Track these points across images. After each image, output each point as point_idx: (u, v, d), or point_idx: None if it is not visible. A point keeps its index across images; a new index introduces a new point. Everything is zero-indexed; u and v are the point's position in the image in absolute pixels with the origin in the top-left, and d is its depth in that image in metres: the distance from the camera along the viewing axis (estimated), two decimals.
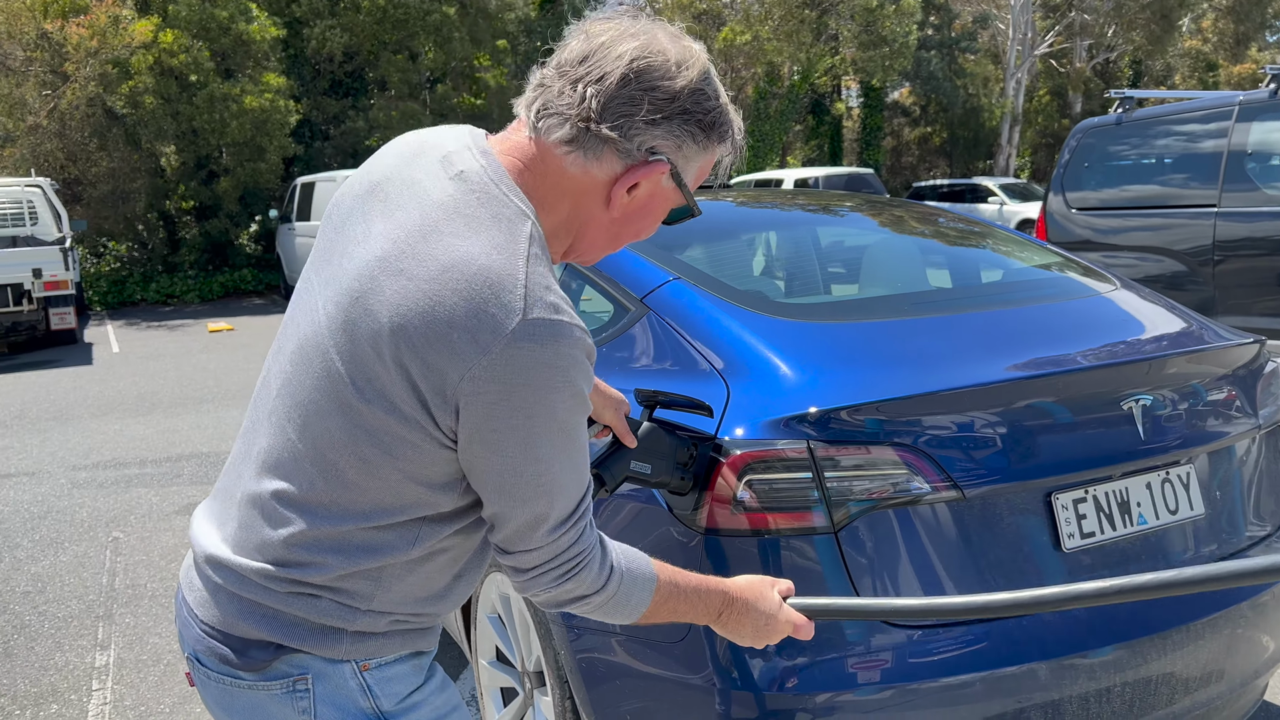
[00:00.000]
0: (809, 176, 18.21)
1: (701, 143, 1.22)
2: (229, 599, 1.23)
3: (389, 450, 1.14)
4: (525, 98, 1.23)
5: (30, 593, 4.31)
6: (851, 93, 29.64)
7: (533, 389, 1.10)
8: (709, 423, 1.87)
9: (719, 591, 1.38)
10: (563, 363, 1.11)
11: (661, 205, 1.27)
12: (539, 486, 1.16)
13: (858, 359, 2.02)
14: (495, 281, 1.09)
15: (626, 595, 1.27)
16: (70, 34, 15.35)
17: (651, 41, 1.18)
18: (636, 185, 1.21)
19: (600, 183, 1.21)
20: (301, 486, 1.19)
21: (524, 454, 1.13)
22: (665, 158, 1.20)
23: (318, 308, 1.21)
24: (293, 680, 1.23)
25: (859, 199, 3.55)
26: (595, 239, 1.28)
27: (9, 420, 8.06)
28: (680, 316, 2.17)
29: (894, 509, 1.82)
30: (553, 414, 1.12)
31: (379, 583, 1.22)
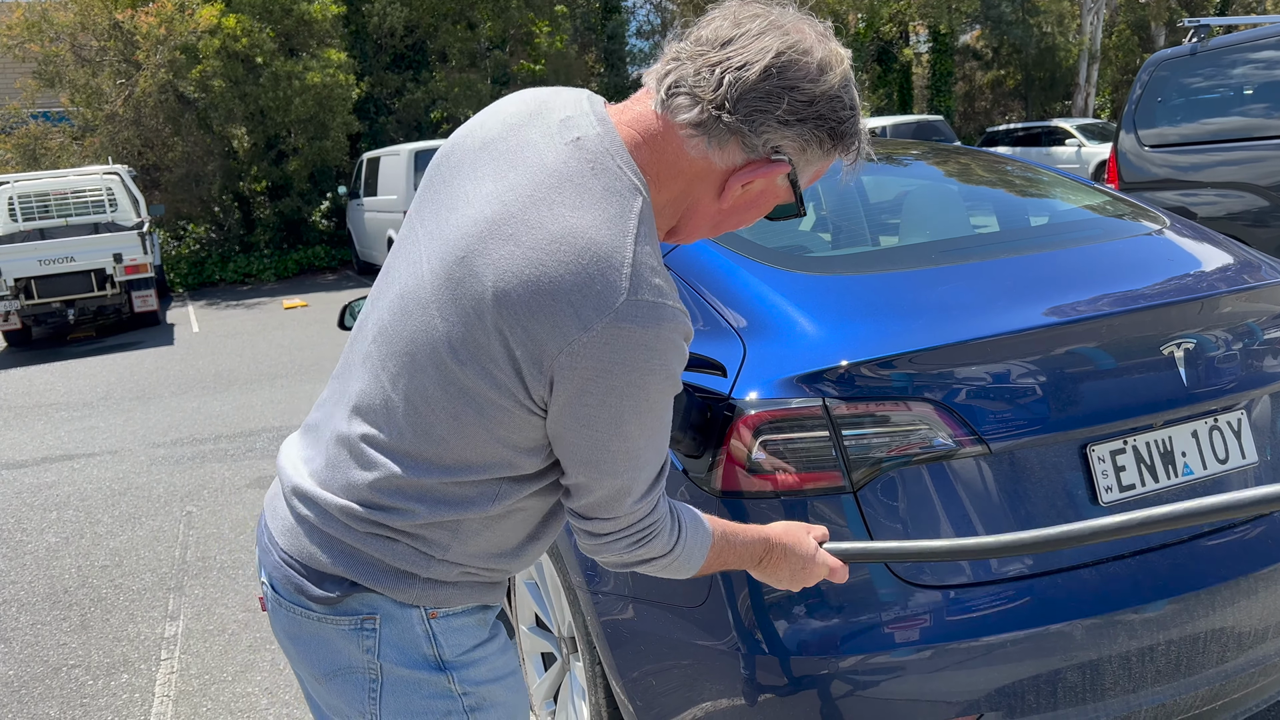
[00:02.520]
0: (876, 126, 17.79)
1: (827, 148, 1.20)
2: (310, 531, 1.27)
3: (481, 411, 1.16)
4: (656, 69, 1.20)
5: (108, 566, 4.48)
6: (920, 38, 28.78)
7: (629, 369, 1.10)
8: (723, 382, 1.82)
9: (760, 539, 1.41)
10: (661, 345, 1.10)
11: (770, 201, 1.25)
12: (624, 463, 1.17)
13: (881, 311, 1.94)
14: (603, 257, 1.09)
15: (690, 554, 1.31)
16: (140, 23, 15.73)
17: (800, 39, 1.15)
18: (752, 181, 1.19)
19: (718, 171, 1.19)
20: (391, 435, 1.21)
21: (613, 431, 1.14)
22: (788, 158, 1.18)
23: (421, 260, 1.21)
24: (361, 619, 1.26)
25: (918, 147, 3.43)
26: (699, 224, 1.26)
27: (95, 401, 8.38)
28: (700, 274, 2.12)
29: (917, 466, 1.75)
30: (645, 395, 1.13)
31: (456, 534, 1.25)
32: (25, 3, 17.45)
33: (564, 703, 2.47)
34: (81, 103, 16.54)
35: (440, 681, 1.29)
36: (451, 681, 1.29)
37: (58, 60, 16.66)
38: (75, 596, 4.16)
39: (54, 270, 11.49)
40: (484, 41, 21.02)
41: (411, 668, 1.28)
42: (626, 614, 1.98)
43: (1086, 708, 1.77)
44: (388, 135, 19.09)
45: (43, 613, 4.03)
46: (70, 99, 16.82)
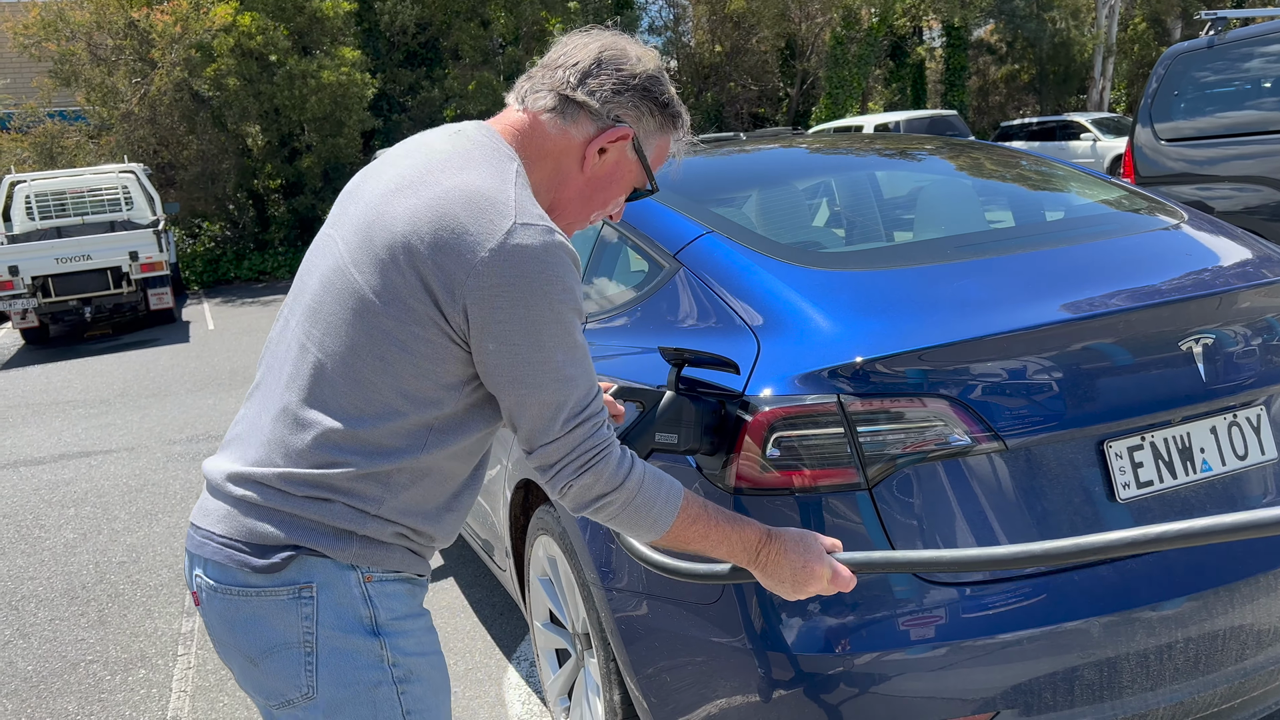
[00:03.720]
0: (889, 121, 17.71)
1: (659, 119, 1.48)
2: (250, 509, 1.36)
3: (404, 348, 1.30)
4: (514, 90, 1.50)
5: (125, 562, 4.51)
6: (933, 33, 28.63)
7: (529, 281, 1.26)
8: (737, 380, 1.81)
9: (758, 528, 1.46)
10: (552, 259, 1.27)
11: (626, 174, 1.49)
12: (546, 372, 1.30)
13: (895, 307, 1.93)
14: (491, 197, 1.29)
15: (649, 500, 1.37)
16: (155, 21, 15.80)
17: (618, 40, 1.47)
18: (605, 150, 1.45)
19: (576, 144, 1.45)
20: (325, 392, 1.33)
21: (529, 341, 1.28)
22: (629, 125, 1.45)
23: (336, 243, 1.38)
24: (299, 588, 1.34)
25: (931, 142, 3.41)
26: (570, 199, 1.48)
27: (112, 398, 8.43)
28: (713, 271, 2.12)
29: (932, 463, 1.74)
30: (549, 304, 1.28)
31: (387, 487, 1.35)
32: (42, 2, 17.55)
33: (578, 699, 2.47)
34: (97, 101, 16.64)
35: (374, 649, 1.36)
36: (384, 648, 1.37)
37: (74, 59, 16.75)
38: (93, 592, 4.19)
39: (71, 268, 11.57)
40: (497, 38, 21.04)
41: (347, 632, 1.35)
42: (641, 610, 1.98)
43: (1104, 705, 1.76)
44: (402, 132, 19.12)
45: (61, 608, 4.06)
46: (86, 98, 16.91)
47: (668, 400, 1.72)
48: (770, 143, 3.54)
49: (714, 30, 26.72)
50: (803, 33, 25.44)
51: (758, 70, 27.10)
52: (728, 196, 2.66)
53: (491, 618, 3.60)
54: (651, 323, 2.25)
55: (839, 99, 22.94)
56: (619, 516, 1.37)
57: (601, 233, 2.64)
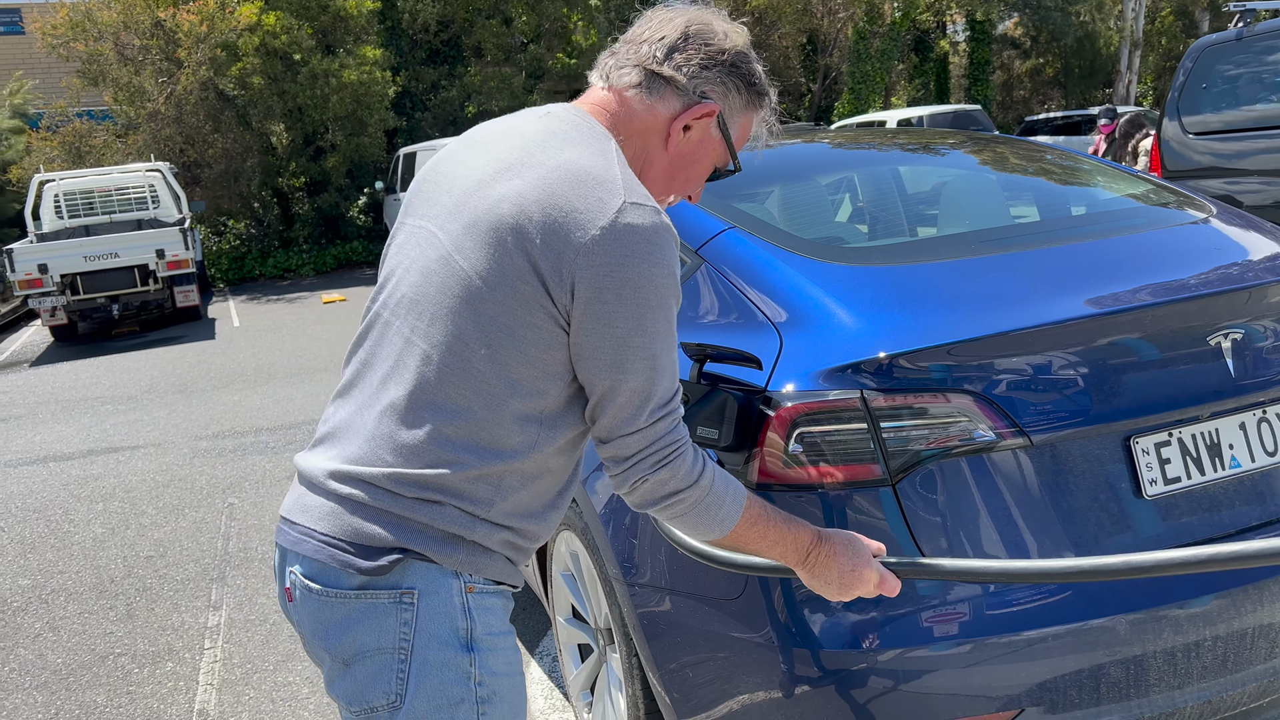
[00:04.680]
0: (912, 116, 17.61)
1: (745, 96, 1.45)
2: (356, 508, 1.32)
3: (511, 334, 1.27)
4: (596, 67, 1.47)
5: (153, 557, 4.56)
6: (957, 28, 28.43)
7: (638, 261, 1.24)
8: (759, 375, 1.81)
9: (810, 529, 1.44)
10: (660, 240, 1.26)
11: (710, 153, 1.46)
12: (645, 359, 1.27)
13: (918, 302, 1.92)
14: (597, 176, 1.28)
15: (719, 500, 1.35)
16: (181, 21, 15.94)
17: (704, 15, 1.44)
18: (690, 128, 1.42)
19: (662, 120, 1.41)
20: (434, 386, 1.30)
21: (632, 325, 1.25)
22: (715, 100, 1.42)
23: (434, 234, 1.35)
24: (400, 593, 1.31)
25: (954, 136, 3.39)
26: (656, 178, 1.45)
27: (139, 394, 8.52)
28: (735, 267, 2.11)
29: (956, 459, 1.73)
30: (655, 287, 1.25)
31: (499, 489, 1.33)
32: (70, 2, 17.73)
33: (600, 694, 2.48)
34: (124, 101, 16.79)
35: (463, 664, 1.32)
36: (474, 665, 1.33)
37: (101, 59, 16.91)
38: (121, 586, 4.24)
39: (99, 266, 11.69)
40: (518, 36, 21.06)
41: (442, 645, 1.31)
42: (663, 606, 1.98)
43: (1130, 704, 1.74)
44: (424, 130, 19.20)
45: (90, 602, 4.11)
46: (113, 97, 17.07)
47: (715, 395, 1.72)
48: (792, 138, 3.53)
49: None
50: (825, 28, 25.33)
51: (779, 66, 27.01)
52: (750, 192, 2.66)
53: (514, 612, 3.61)
54: None
55: (861, 94, 22.82)
56: (687, 515, 1.34)
57: None
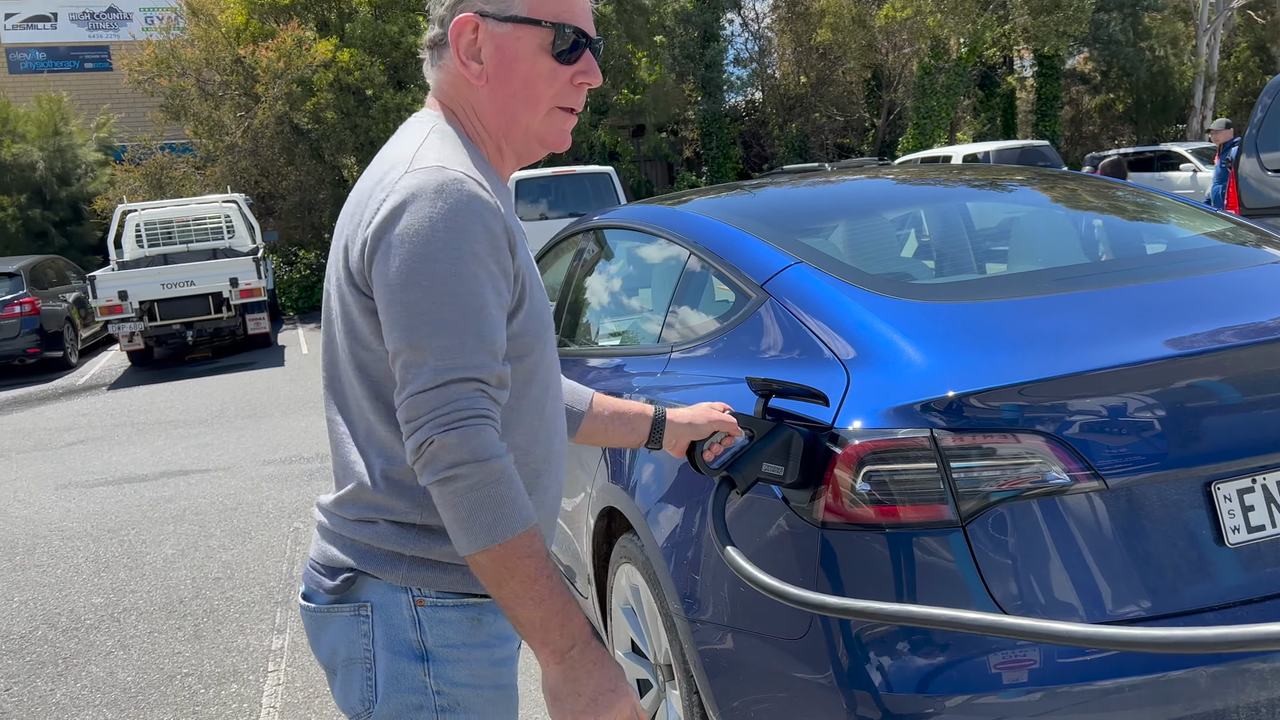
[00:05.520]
0: (978, 151, 17.43)
1: None
2: (325, 533, 1.42)
3: (353, 330, 1.30)
4: None
5: (220, 579, 4.65)
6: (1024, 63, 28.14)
7: (409, 217, 1.22)
8: (826, 412, 1.80)
9: (586, 624, 1.28)
10: (436, 194, 1.22)
11: (518, 51, 1.34)
12: (420, 313, 1.20)
13: (990, 340, 1.89)
14: (394, 159, 1.31)
15: (502, 498, 1.21)
16: (260, 58, 16.49)
17: None
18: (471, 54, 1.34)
19: (454, 70, 1.37)
20: (337, 405, 1.38)
21: (406, 280, 1.21)
22: (468, 10, 1.34)
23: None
24: (357, 606, 1.37)
25: (1023, 172, 3.35)
26: (498, 118, 1.38)
27: (209, 419, 8.74)
28: (801, 302, 2.11)
29: (1028, 501, 1.69)
30: (426, 241, 1.21)
31: (412, 494, 1.33)
32: (156, 40, 18.46)
33: None
34: (204, 134, 17.40)
35: (417, 674, 1.34)
36: (428, 675, 1.34)
37: (184, 94, 17.57)
38: (189, 607, 4.33)
39: (175, 294, 12.07)
40: None
41: (395, 654, 1.34)
42: (725, 643, 1.96)
43: None
44: None
45: (159, 621, 4.21)
46: (194, 130, 17.70)
47: (781, 432, 1.72)
48: (857, 173, 3.52)
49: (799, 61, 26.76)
50: (889, 63, 25.29)
51: (843, 101, 27.01)
52: (815, 227, 2.65)
53: None
54: (737, 353, 2.24)
55: (926, 129, 22.68)
56: (463, 499, 1.20)
57: (687, 263, 2.65)
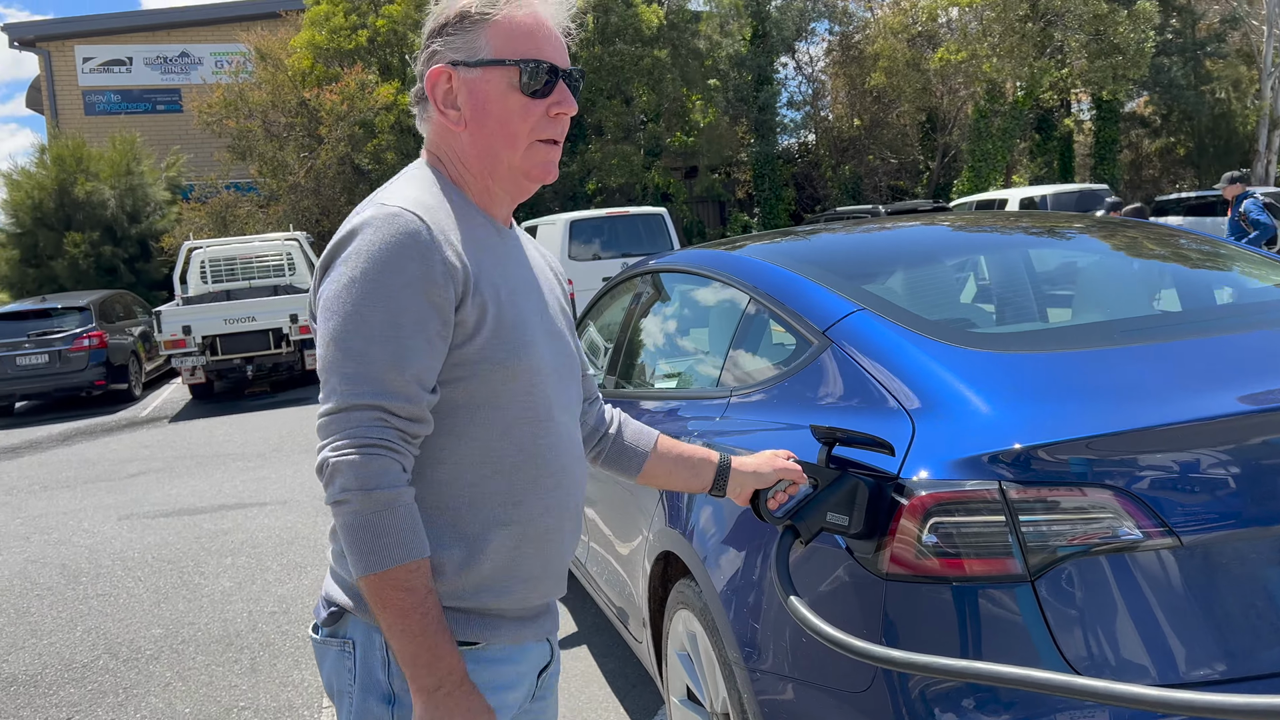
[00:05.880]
0: (1035, 195, 17.26)
1: (468, 26, 1.39)
2: (330, 566, 1.47)
3: None
4: None
5: (276, 613, 4.71)
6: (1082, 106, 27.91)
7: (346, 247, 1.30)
8: (891, 462, 1.78)
9: (460, 663, 1.28)
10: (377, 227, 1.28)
11: (490, 93, 1.40)
12: (340, 338, 1.27)
13: (1060, 392, 1.87)
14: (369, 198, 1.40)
15: (387, 528, 1.23)
16: (324, 100, 16.94)
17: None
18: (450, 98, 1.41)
19: (437, 120, 1.44)
20: None
21: (333, 306, 1.28)
22: (440, 63, 1.41)
23: None
24: (343, 642, 1.40)
25: (1081, 219, 3.32)
26: (481, 159, 1.43)
27: (268, 452, 8.88)
28: (865, 349, 2.10)
29: (1099, 557, 1.66)
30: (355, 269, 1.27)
31: None
32: (225, 83, 19.07)
33: None
34: (268, 174, 17.87)
35: (385, 715, 1.35)
36: (393, 718, 1.34)
37: (250, 135, 18.09)
38: (246, 640, 4.38)
39: (236, 329, 12.34)
40: (639, 115, 21.64)
41: (367, 693, 1.36)
42: (785, 694, 1.94)
43: None
44: (545, 205, 19.80)
45: (217, 654, 4.26)
46: (259, 170, 18.20)
47: (845, 480, 1.71)
48: (915, 219, 3.51)
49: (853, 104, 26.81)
50: (944, 106, 25.22)
51: (897, 143, 26.97)
52: (876, 273, 2.65)
53: (625, 689, 3.58)
54: (797, 399, 2.24)
55: (982, 172, 22.54)
56: (348, 525, 1.23)
57: (746, 307, 2.65)
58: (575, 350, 1.59)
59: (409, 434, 1.29)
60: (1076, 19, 21.35)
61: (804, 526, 1.70)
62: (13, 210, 18.82)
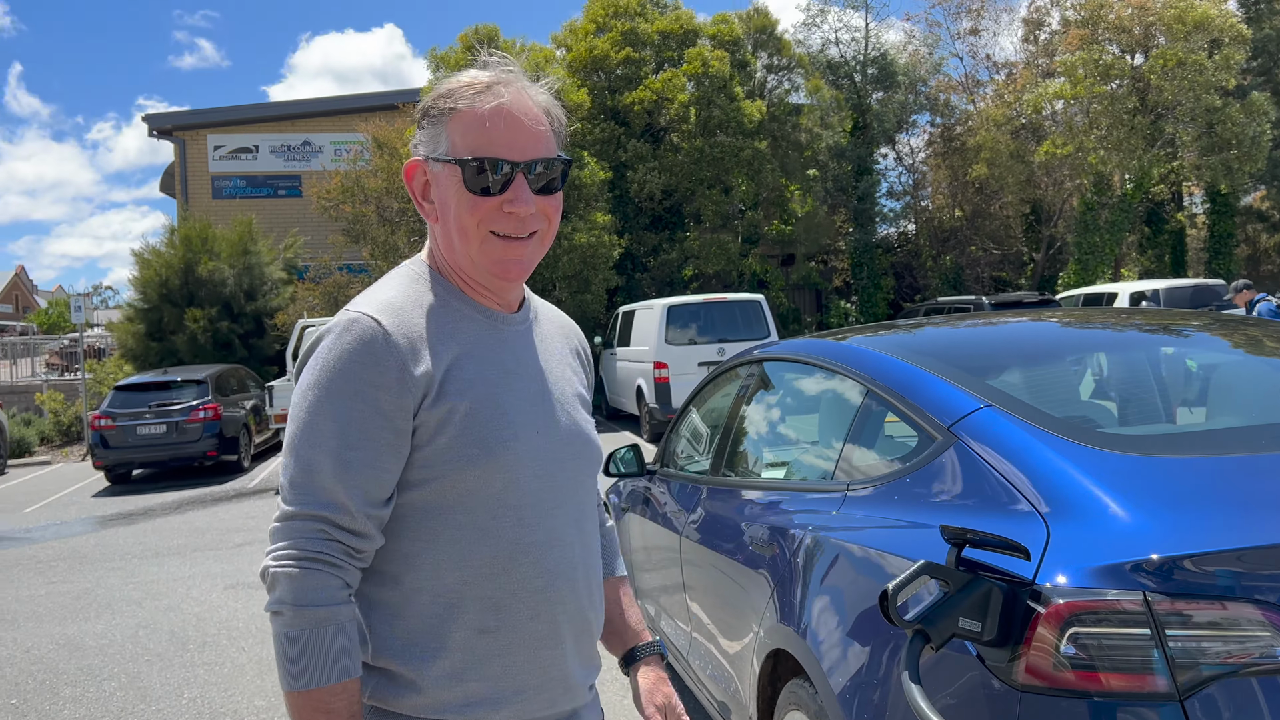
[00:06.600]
0: (1147, 289, 16.79)
1: (430, 122, 1.39)
2: None
3: None
4: None
5: None
6: (1195, 199, 27.18)
7: (315, 353, 1.32)
8: (1026, 566, 1.71)
9: None
10: (337, 333, 1.30)
11: (448, 188, 1.37)
12: (289, 447, 1.29)
13: (1206, 499, 1.78)
14: None
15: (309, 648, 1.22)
16: None
17: None
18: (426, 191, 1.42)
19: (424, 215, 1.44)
20: None
21: (290, 411, 1.32)
22: (417, 158, 1.42)
23: None
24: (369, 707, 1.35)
25: (1198, 317, 3.20)
26: (449, 251, 1.41)
27: None
28: (994, 447, 2.04)
29: (1250, 678, 1.55)
30: (313, 376, 1.29)
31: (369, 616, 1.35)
32: (343, 170, 20.03)
33: None
34: (379, 256, 18.56)
35: None
36: None
37: (364, 220, 18.87)
38: None
39: None
40: (737, 203, 21.90)
41: None
42: None
43: None
44: (642, 290, 20.06)
45: None
46: (370, 253, 18.93)
47: (980, 584, 1.64)
48: (1024, 313, 3.45)
49: (954, 195, 26.65)
50: (1049, 198, 24.87)
51: (1000, 234, 26.63)
52: (996, 367, 2.59)
53: None
54: (919, 497, 2.18)
55: (1089, 265, 22.03)
56: (278, 638, 1.23)
57: (864, 399, 2.62)
58: (588, 435, 1.50)
59: (352, 547, 1.27)
60: (1188, 112, 20.96)
61: (935, 631, 1.63)
62: (141, 286, 19.90)
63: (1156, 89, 21.03)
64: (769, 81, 23.06)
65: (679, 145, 20.30)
